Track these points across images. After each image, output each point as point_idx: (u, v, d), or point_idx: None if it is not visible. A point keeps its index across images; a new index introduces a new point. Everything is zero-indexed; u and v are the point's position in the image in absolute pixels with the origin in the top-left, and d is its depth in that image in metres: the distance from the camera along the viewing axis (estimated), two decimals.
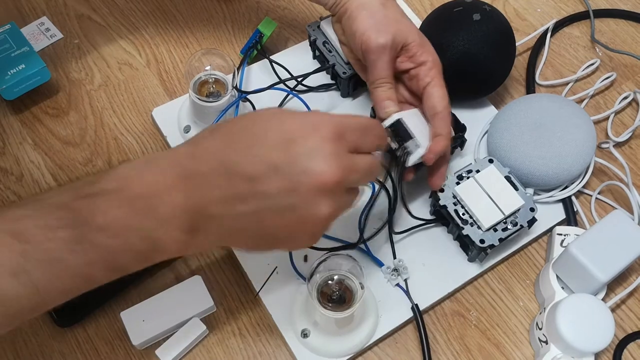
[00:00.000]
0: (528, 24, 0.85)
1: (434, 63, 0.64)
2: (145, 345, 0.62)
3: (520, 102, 0.71)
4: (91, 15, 0.82)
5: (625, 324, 0.66)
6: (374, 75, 0.64)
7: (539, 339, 0.62)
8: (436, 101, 0.62)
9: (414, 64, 0.64)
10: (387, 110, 0.63)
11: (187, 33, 0.82)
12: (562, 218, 0.69)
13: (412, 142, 0.61)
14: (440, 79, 0.64)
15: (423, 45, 0.64)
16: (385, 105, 0.63)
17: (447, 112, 0.63)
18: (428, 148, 0.62)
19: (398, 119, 0.62)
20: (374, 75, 0.64)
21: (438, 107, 0.62)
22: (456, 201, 0.64)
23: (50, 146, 0.73)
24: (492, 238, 0.62)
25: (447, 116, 0.63)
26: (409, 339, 0.64)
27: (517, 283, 0.67)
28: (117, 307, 0.63)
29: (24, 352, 0.62)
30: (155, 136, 0.74)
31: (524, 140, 0.68)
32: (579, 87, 0.80)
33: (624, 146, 0.76)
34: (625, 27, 0.86)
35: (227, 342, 0.63)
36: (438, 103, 0.62)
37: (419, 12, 0.84)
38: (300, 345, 0.61)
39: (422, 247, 0.67)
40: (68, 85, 0.77)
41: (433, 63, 0.63)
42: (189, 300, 0.62)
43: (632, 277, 0.67)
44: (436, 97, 0.63)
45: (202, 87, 0.68)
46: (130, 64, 0.79)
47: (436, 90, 0.63)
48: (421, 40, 0.64)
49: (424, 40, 0.64)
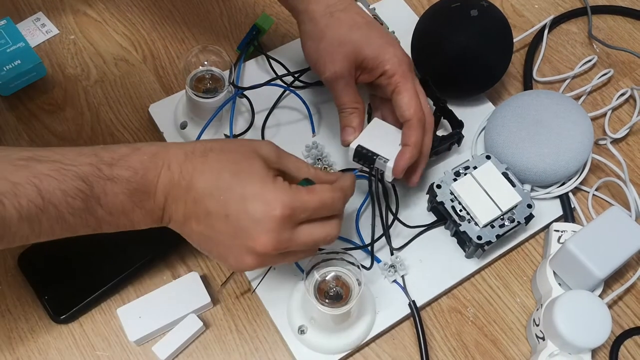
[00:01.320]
0: (525, 20, 0.85)
1: (395, 69, 0.60)
2: (142, 342, 0.62)
3: (517, 99, 0.71)
4: (87, 11, 0.82)
5: (622, 320, 0.66)
6: (335, 101, 0.63)
7: (536, 335, 0.62)
8: (402, 109, 0.60)
9: (373, 77, 0.62)
10: (345, 140, 0.62)
11: (184, 29, 0.82)
12: (560, 214, 0.69)
13: (379, 161, 0.60)
14: (405, 84, 0.60)
15: (379, 55, 0.60)
16: (343, 134, 0.62)
17: (415, 119, 0.59)
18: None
19: (356, 147, 0.61)
20: (335, 101, 0.63)
21: (405, 115, 0.60)
22: (453, 197, 0.64)
23: (47, 142, 0.72)
24: (490, 234, 0.62)
25: (415, 124, 0.59)
26: (406, 335, 0.64)
27: (514, 279, 0.67)
28: (114, 304, 0.63)
29: (20, 348, 0.61)
30: (151, 132, 0.74)
31: (521, 136, 0.68)
32: (576, 84, 0.80)
33: (621, 143, 0.76)
34: (622, 23, 0.86)
35: (224, 338, 0.63)
36: (404, 111, 0.60)
37: (416, 8, 0.84)
38: (298, 341, 0.61)
39: (419, 244, 0.66)
40: (64, 81, 0.77)
41: (393, 70, 0.60)
42: (185, 297, 0.62)
43: (629, 274, 0.67)
44: (401, 105, 0.60)
45: (198, 83, 0.68)
46: (127, 60, 0.79)
47: (400, 98, 0.60)
48: (378, 50, 0.60)
49: (381, 49, 0.60)
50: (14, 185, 0.44)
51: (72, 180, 0.46)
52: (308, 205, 0.51)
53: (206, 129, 0.67)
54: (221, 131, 0.70)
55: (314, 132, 0.72)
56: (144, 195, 0.50)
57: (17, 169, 0.45)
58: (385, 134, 0.62)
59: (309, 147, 0.71)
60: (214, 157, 0.51)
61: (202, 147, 0.52)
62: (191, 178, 0.50)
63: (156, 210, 0.51)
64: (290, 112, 0.74)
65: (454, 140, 0.70)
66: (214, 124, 0.68)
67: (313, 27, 0.62)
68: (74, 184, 0.46)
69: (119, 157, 0.49)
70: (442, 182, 0.65)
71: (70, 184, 0.46)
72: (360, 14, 0.62)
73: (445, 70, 0.71)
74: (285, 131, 0.73)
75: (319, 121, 0.73)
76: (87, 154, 0.48)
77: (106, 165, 0.48)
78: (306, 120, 0.73)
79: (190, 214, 0.51)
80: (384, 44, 0.61)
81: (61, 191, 0.46)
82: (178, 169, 0.50)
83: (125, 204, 0.49)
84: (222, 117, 0.69)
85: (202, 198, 0.50)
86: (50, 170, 0.46)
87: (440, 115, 0.70)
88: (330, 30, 0.61)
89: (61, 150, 0.48)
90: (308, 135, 0.72)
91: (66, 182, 0.46)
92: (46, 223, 0.46)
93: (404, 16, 0.82)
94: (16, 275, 0.64)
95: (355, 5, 0.64)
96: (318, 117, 0.74)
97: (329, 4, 0.62)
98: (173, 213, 0.51)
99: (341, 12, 0.62)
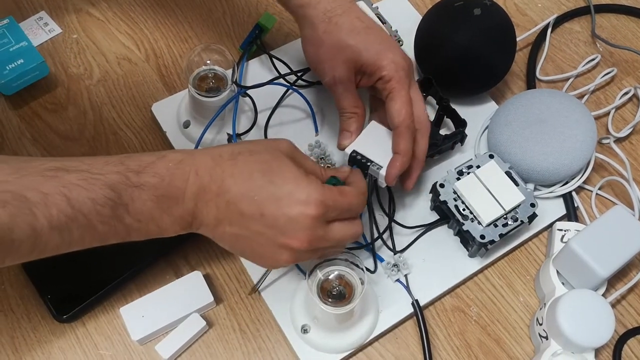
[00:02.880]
0: (529, 19, 0.85)
1: (391, 75, 0.59)
2: (145, 341, 0.62)
3: (520, 98, 0.71)
4: (90, 10, 0.82)
5: (626, 319, 0.65)
6: (336, 105, 0.63)
7: (539, 335, 0.62)
8: (392, 116, 0.59)
9: (371, 81, 0.61)
10: (340, 144, 0.62)
11: (187, 28, 0.82)
12: (563, 213, 0.69)
13: (373, 167, 0.60)
14: (400, 90, 0.59)
15: (377, 61, 0.60)
16: (340, 138, 0.62)
17: (403, 126, 0.59)
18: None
19: (351, 153, 0.61)
20: (336, 105, 0.63)
21: (394, 122, 0.59)
22: (456, 197, 0.64)
23: (49, 141, 0.72)
24: (493, 233, 0.62)
25: (403, 131, 0.59)
26: (409, 334, 0.63)
27: (517, 278, 0.67)
28: (117, 303, 0.63)
29: (23, 347, 0.61)
30: (154, 131, 0.74)
31: (524, 135, 0.67)
32: (579, 83, 0.80)
33: (624, 142, 0.76)
34: (626, 22, 0.86)
35: (227, 337, 0.63)
36: (394, 118, 0.59)
37: (419, 7, 0.84)
38: (301, 340, 0.61)
39: (422, 243, 0.66)
40: (67, 80, 0.77)
41: (389, 76, 0.59)
42: (188, 296, 0.62)
43: (632, 273, 0.67)
44: (392, 112, 0.59)
45: (201, 82, 0.68)
46: (129, 59, 0.79)
47: (392, 105, 0.59)
48: (376, 55, 0.60)
49: (379, 54, 0.60)
50: (44, 196, 0.45)
51: (101, 189, 0.47)
52: (339, 205, 0.52)
53: (209, 128, 0.67)
54: (224, 130, 0.70)
55: (317, 131, 0.72)
56: (171, 202, 0.50)
57: (46, 180, 0.46)
58: (382, 138, 0.62)
59: (311, 146, 0.71)
60: (243, 159, 0.52)
61: (229, 151, 0.53)
62: (222, 182, 0.50)
63: (185, 217, 0.51)
64: (293, 111, 0.74)
65: (457, 140, 0.70)
66: (217, 123, 0.68)
67: (312, 33, 0.62)
68: (103, 192, 0.47)
69: (145, 164, 0.50)
70: (445, 181, 0.65)
71: (99, 192, 0.47)
72: (360, 18, 0.62)
73: (448, 69, 0.71)
74: (288, 130, 0.73)
75: (322, 120, 0.73)
76: (114, 162, 0.49)
77: (133, 173, 0.49)
78: (309, 119, 0.73)
79: (223, 217, 0.51)
80: (383, 49, 0.60)
81: (90, 200, 0.46)
82: (207, 174, 0.51)
83: (153, 210, 0.49)
84: (224, 116, 0.69)
85: (235, 200, 0.50)
86: (79, 179, 0.47)
87: (443, 114, 0.70)
88: (329, 36, 0.61)
89: (89, 159, 0.49)
90: (311, 134, 0.72)
91: (95, 191, 0.47)
92: (76, 232, 0.47)
93: (407, 15, 0.82)
94: (19, 275, 0.64)
95: (355, 8, 0.62)
96: (321, 116, 0.73)
97: (327, 8, 0.61)
98: (204, 218, 0.52)
99: (340, 17, 0.61)
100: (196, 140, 0.68)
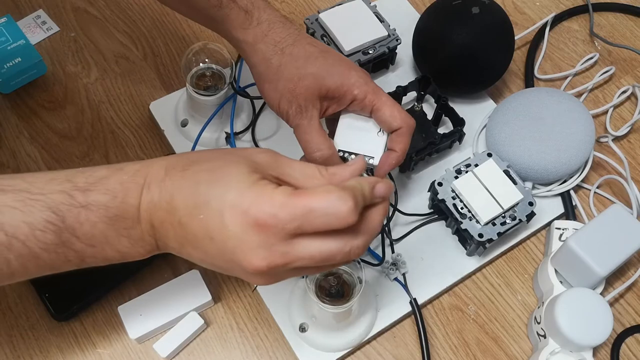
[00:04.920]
0: (527, 18, 0.85)
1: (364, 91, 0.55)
2: (143, 340, 0.62)
3: (519, 96, 0.71)
4: (88, 8, 0.82)
5: (624, 318, 0.66)
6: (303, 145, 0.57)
7: (537, 333, 0.62)
8: (388, 122, 0.56)
9: (343, 105, 0.57)
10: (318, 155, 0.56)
11: (184, 26, 0.81)
12: (561, 212, 0.69)
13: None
14: (380, 98, 0.56)
15: (343, 83, 0.55)
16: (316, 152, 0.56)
17: (405, 126, 0.56)
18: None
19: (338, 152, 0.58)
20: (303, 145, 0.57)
21: (394, 126, 0.56)
22: (455, 195, 0.64)
23: (47, 140, 0.72)
24: (491, 232, 0.62)
25: (405, 131, 0.56)
26: (408, 333, 0.64)
27: (515, 277, 0.67)
28: (115, 302, 0.63)
29: (20, 346, 0.61)
30: (152, 130, 0.73)
31: (522, 134, 0.67)
32: (577, 81, 0.80)
33: (622, 140, 0.76)
34: (624, 21, 0.86)
35: (225, 336, 0.63)
36: (391, 123, 0.56)
37: (417, 6, 0.84)
38: (299, 339, 0.61)
39: (421, 242, 0.66)
40: (65, 79, 0.76)
41: (363, 92, 0.55)
42: (186, 295, 0.62)
43: (630, 272, 0.67)
44: (386, 120, 0.56)
45: (199, 81, 0.68)
46: (127, 57, 0.78)
47: (381, 114, 0.56)
48: (340, 78, 0.55)
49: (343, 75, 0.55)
50: None
51: (40, 212, 0.41)
52: (293, 212, 0.40)
53: (207, 127, 0.67)
54: (222, 129, 0.70)
55: None
56: (127, 222, 0.43)
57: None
58: (360, 127, 0.58)
59: None
60: (193, 170, 0.44)
61: (185, 160, 0.45)
62: (171, 198, 0.43)
63: (146, 238, 0.45)
64: None
65: (455, 138, 0.70)
66: (215, 121, 0.68)
67: (266, 69, 0.57)
68: (42, 215, 0.41)
69: (95, 180, 0.43)
70: (443, 179, 0.65)
71: (37, 215, 0.41)
72: (312, 44, 0.57)
73: (446, 68, 0.71)
74: (286, 129, 0.72)
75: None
76: (59, 179, 0.43)
77: (80, 192, 0.43)
78: None
79: (182, 239, 0.44)
80: (344, 69, 0.56)
81: (27, 224, 0.41)
82: (157, 188, 0.44)
83: (106, 233, 0.43)
84: (222, 114, 0.69)
85: (186, 221, 0.43)
86: (15, 201, 0.41)
87: (441, 113, 0.70)
88: (285, 69, 0.56)
89: (31, 176, 0.43)
90: None
91: (33, 214, 0.41)
92: (16, 261, 0.41)
93: (405, 13, 0.82)
94: None
95: (305, 35, 0.58)
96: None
97: (276, 40, 0.57)
98: (166, 239, 0.45)
99: (292, 47, 0.56)
100: (194, 139, 0.68)
